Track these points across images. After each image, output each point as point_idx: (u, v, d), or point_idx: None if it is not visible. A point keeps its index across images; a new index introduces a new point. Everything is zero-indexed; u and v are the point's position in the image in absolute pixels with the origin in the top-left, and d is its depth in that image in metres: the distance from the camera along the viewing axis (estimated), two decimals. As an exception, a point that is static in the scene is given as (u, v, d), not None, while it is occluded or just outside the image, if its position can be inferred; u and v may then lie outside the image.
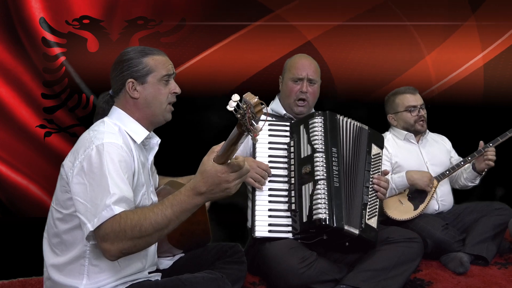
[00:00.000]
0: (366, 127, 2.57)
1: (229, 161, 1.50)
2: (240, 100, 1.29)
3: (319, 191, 2.29)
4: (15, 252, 2.91)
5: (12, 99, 3.38)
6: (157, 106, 1.85)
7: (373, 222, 2.39)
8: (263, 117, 1.29)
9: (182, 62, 3.53)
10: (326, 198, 2.27)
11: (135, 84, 1.83)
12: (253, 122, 1.29)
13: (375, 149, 2.55)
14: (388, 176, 2.71)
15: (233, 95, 1.29)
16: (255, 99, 1.26)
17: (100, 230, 1.55)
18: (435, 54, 3.80)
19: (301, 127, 2.48)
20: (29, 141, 3.42)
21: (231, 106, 1.29)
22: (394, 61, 3.78)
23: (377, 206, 2.47)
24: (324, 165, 2.34)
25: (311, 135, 2.42)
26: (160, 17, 3.49)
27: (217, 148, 1.53)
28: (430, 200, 2.94)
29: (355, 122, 2.53)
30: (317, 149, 2.37)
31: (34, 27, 3.36)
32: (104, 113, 1.89)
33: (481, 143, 2.99)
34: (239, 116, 1.30)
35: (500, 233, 2.88)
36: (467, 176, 3.09)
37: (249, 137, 1.35)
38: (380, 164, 2.56)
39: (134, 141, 1.82)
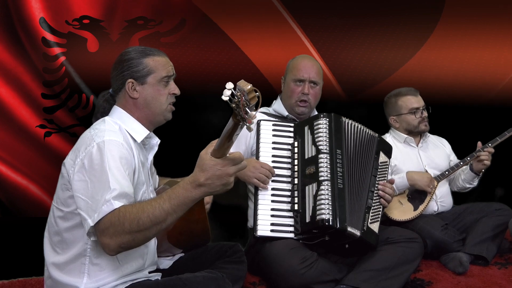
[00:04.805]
0: (376, 135, 2.57)
1: (227, 155, 1.50)
2: (235, 89, 1.30)
3: (323, 192, 2.28)
4: (15, 252, 2.91)
5: (12, 99, 3.38)
6: (156, 106, 1.86)
7: (374, 227, 2.38)
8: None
9: (182, 62, 3.53)
10: (330, 199, 2.26)
11: (135, 84, 1.83)
12: (247, 110, 1.29)
13: (382, 157, 2.55)
14: None
15: (227, 83, 1.29)
16: (249, 86, 1.27)
17: (100, 225, 1.56)
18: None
19: (306, 128, 2.48)
20: (29, 141, 3.42)
21: (225, 95, 1.29)
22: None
23: (380, 212, 2.46)
24: (329, 166, 2.33)
25: (316, 136, 2.42)
26: (160, 17, 3.49)
27: (215, 142, 1.53)
28: (429, 200, 2.94)
29: (366, 129, 2.52)
30: (322, 150, 2.37)
31: (34, 27, 3.36)
32: (104, 111, 1.90)
33: (479, 143, 2.99)
34: (233, 105, 1.30)
35: (500, 234, 2.88)
36: (465, 177, 3.08)
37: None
38: (386, 172, 2.56)
39: (134, 140, 1.82)
